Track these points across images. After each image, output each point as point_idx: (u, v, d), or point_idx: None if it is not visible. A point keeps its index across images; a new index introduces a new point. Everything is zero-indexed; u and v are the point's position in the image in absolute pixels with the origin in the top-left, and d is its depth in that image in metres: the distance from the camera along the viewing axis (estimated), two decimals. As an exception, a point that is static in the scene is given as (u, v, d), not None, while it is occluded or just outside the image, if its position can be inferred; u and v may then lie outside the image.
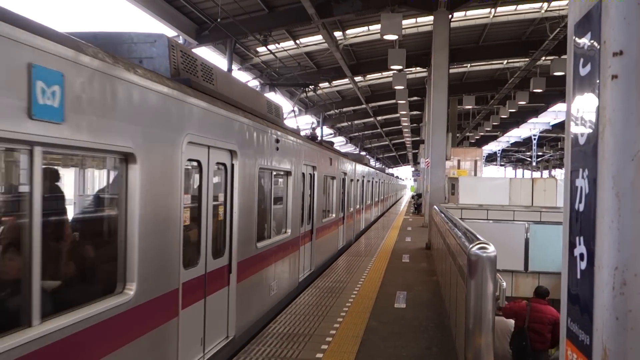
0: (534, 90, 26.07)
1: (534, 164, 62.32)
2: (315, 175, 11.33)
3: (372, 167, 29.95)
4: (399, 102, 28.80)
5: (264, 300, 7.63)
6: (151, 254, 4.31)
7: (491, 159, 75.42)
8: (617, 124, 1.46)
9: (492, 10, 20.32)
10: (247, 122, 6.69)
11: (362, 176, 20.36)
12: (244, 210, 6.61)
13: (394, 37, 15.50)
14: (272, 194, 8.38)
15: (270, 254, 7.90)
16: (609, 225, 1.46)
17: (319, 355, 6.05)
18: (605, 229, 1.48)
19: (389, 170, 68.33)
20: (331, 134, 43.32)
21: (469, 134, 47.91)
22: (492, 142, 63.95)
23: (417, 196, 37.19)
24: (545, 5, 20.11)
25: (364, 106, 34.46)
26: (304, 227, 10.48)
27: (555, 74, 22.46)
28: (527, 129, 52.71)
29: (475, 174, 27.48)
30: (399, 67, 18.57)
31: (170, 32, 16.80)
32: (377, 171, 29.77)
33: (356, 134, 45.90)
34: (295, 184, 9.53)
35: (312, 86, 17.58)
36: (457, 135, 39.18)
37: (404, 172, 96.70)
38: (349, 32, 20.94)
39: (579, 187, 1.68)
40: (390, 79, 24.82)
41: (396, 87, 23.83)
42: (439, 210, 11.94)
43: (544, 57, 23.54)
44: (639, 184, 1.44)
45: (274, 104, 9.13)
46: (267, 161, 7.68)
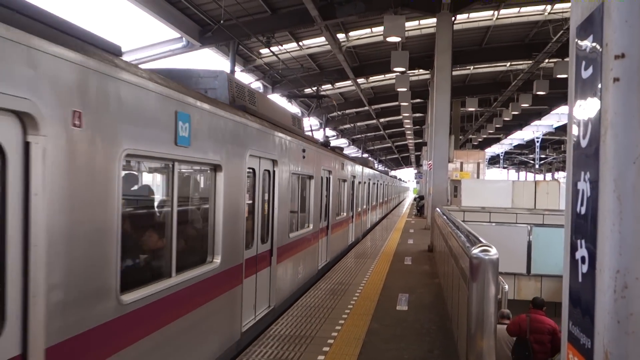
0: (537, 92, 26.06)
1: (537, 166, 62.22)
2: (330, 178, 12.82)
3: (377, 170, 31.18)
4: (401, 104, 28.79)
5: (294, 280, 9.30)
6: (228, 237, 5.97)
7: (494, 161, 75.31)
8: (618, 127, 1.45)
9: (495, 12, 20.30)
10: (283, 136, 8.25)
11: (368, 179, 21.74)
12: (281, 207, 8.21)
13: (397, 39, 15.51)
14: (299, 195, 9.84)
15: (298, 243, 9.54)
16: (610, 228, 1.46)
17: (321, 357, 6.04)
18: (606, 232, 1.48)
19: (391, 172, 68.28)
20: (334, 135, 43.31)
21: (471, 137, 47.88)
22: (495, 145, 63.89)
23: (419, 198, 37.20)
24: (548, 7, 20.08)
25: (366, 108, 34.46)
26: (321, 223, 11.94)
27: (558, 76, 22.45)
28: (530, 132, 52.62)
29: (477, 177, 27.46)
30: (402, 69, 18.59)
31: (173, 33, 16.85)
32: (381, 174, 31.03)
33: (359, 136, 45.90)
34: (316, 186, 11.06)
35: (324, 98, 19.37)
36: (460, 137, 39.16)
37: (407, 175, 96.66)
38: (352, 34, 20.95)
39: (580, 190, 1.68)
40: (393, 81, 24.81)
41: (399, 89, 23.82)
42: (441, 212, 11.93)
43: (547, 60, 23.51)
44: (641, 187, 1.43)
45: (296, 116, 10.90)
46: (297, 167, 9.29)
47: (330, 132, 40.89)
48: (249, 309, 6.89)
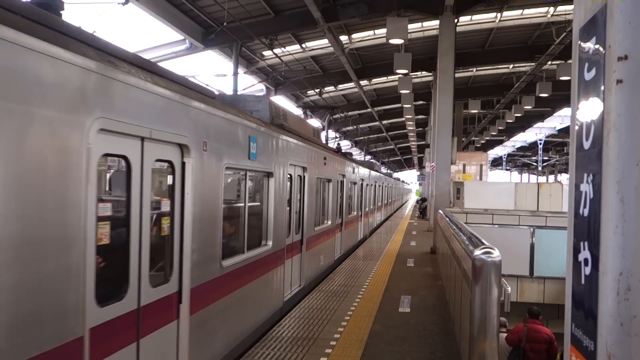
0: (540, 94, 25.99)
1: (540, 168, 62.10)
2: (344, 182, 14.57)
3: (381, 172, 32.86)
4: (404, 106, 28.75)
5: (317, 266, 11.25)
6: (277, 227, 7.95)
7: (497, 163, 75.19)
8: (621, 129, 1.45)
9: (498, 14, 20.27)
10: (310, 147, 10.19)
11: (374, 181, 23.61)
12: (309, 205, 10.10)
13: (400, 41, 15.48)
14: (321, 195, 11.77)
15: (321, 235, 11.62)
16: (613, 230, 1.46)
17: (323, 359, 6.04)
18: (609, 234, 1.47)
19: (394, 174, 68.30)
20: (336, 137, 43.31)
21: (474, 138, 47.76)
22: (497, 147, 63.78)
23: (422, 200, 37.16)
24: (551, 9, 20.06)
25: (369, 110, 34.44)
26: (337, 220, 13.71)
27: (561, 78, 22.41)
28: (533, 134, 52.53)
29: (480, 179, 27.38)
30: (405, 71, 18.55)
31: (176, 35, 16.88)
32: (385, 176, 33.05)
33: (361, 138, 45.87)
34: (333, 188, 12.93)
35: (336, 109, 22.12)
36: (463, 139, 39.08)
37: (409, 176, 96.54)
38: (354, 36, 20.95)
39: (583, 192, 1.67)
40: (395, 83, 24.77)
41: (402, 91, 23.79)
42: (444, 214, 11.92)
43: (550, 62, 23.45)
44: (644, 189, 1.43)
45: (316, 129, 12.88)
46: (320, 173, 11.26)
47: (332, 133, 40.87)
48: (287, 284, 8.87)
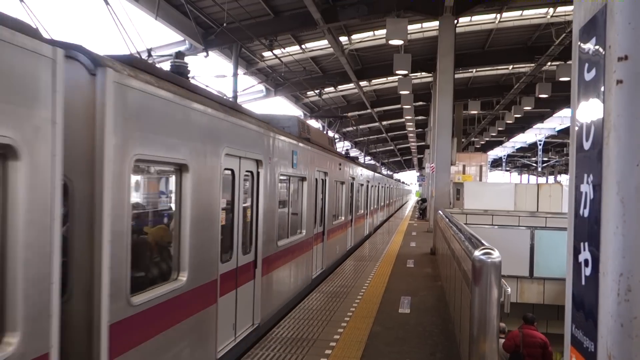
0: (540, 95, 26.00)
1: (540, 169, 62.12)
2: (353, 183, 16.86)
3: (383, 174, 35.15)
4: (404, 107, 28.76)
5: (334, 254, 13.58)
6: (308, 219, 10.31)
7: (496, 164, 75.20)
8: (622, 129, 1.45)
9: (498, 15, 20.29)
10: (331, 156, 12.67)
11: (377, 182, 25.84)
12: (330, 203, 12.64)
13: (400, 42, 15.49)
14: (336, 195, 13.83)
15: (337, 228, 13.96)
16: (613, 231, 1.45)
17: (323, 360, 6.04)
18: (610, 235, 1.47)
19: (394, 175, 68.36)
20: (336, 138, 43.31)
21: (474, 139, 47.77)
22: (497, 148, 63.78)
23: (422, 201, 37.17)
24: (551, 10, 20.07)
25: (369, 111, 34.44)
26: (349, 216, 16.15)
27: (561, 79, 22.42)
28: (533, 135, 52.55)
29: (480, 179, 27.40)
30: (405, 72, 18.56)
31: (176, 36, 16.88)
32: (387, 178, 35.44)
33: (361, 139, 45.87)
34: (345, 189, 15.25)
35: (345, 118, 25.51)
36: (463, 140, 39.07)
37: (409, 177, 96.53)
38: (354, 37, 20.95)
39: (583, 192, 1.67)
40: (395, 84, 24.79)
41: (401, 92, 23.81)
42: (443, 215, 11.91)
43: (549, 63, 23.47)
44: (644, 189, 1.43)
45: (331, 138, 15.79)
46: (337, 177, 13.61)
47: (331, 134, 40.84)
48: (314, 266, 11.20)
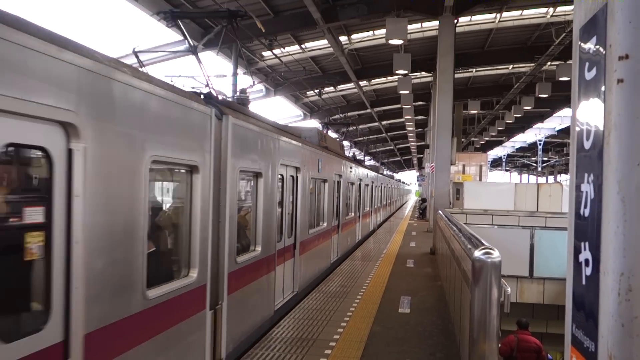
0: (540, 95, 26.01)
1: (540, 169, 62.13)
2: (361, 184, 18.96)
3: (385, 175, 37.11)
4: (404, 106, 28.76)
5: (346, 245, 15.63)
6: (328, 213, 12.31)
7: (496, 164, 75.19)
8: (622, 129, 1.44)
9: (498, 15, 20.28)
10: (342, 161, 14.55)
11: (380, 183, 27.99)
12: (343, 200, 14.74)
13: (399, 41, 15.49)
14: (348, 194, 15.84)
15: (348, 222, 16.00)
16: (614, 230, 1.45)
17: (323, 360, 6.03)
18: (610, 235, 1.46)
19: (395, 175, 68.45)
20: (336, 138, 43.28)
21: (474, 139, 47.77)
22: (497, 147, 63.77)
23: (422, 201, 37.17)
24: (550, 10, 20.07)
25: (368, 110, 34.44)
26: (357, 213, 18.07)
27: (561, 79, 22.42)
28: (533, 134, 52.53)
29: (480, 179, 27.38)
30: (404, 71, 18.57)
31: (176, 36, 16.87)
32: (388, 178, 37.57)
33: (361, 139, 45.87)
34: (354, 189, 17.21)
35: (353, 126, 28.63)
36: (462, 140, 39.06)
37: (409, 177, 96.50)
38: (354, 36, 20.95)
39: (584, 192, 1.66)
40: (395, 84, 24.79)
41: (401, 92, 23.82)
42: (443, 215, 11.91)
43: (549, 62, 23.47)
44: (645, 189, 1.42)
45: (341, 143, 18.49)
46: (349, 178, 15.69)
47: (331, 134, 40.85)
48: (334, 251, 13.45)
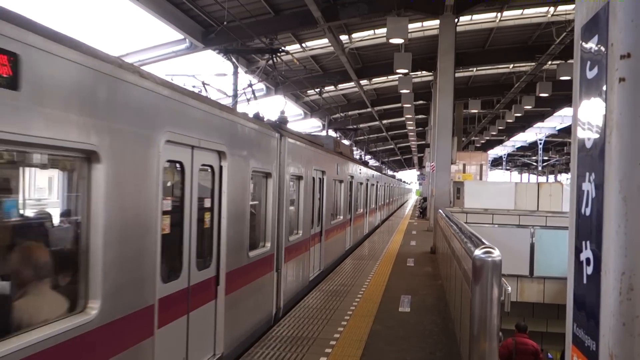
0: (540, 94, 25.98)
1: (540, 168, 62.10)
2: (367, 184, 20.91)
3: (387, 175, 39.37)
4: (404, 105, 28.74)
5: (358, 236, 17.88)
6: (344, 208, 15.07)
7: (497, 163, 75.17)
8: (624, 128, 1.44)
9: (499, 14, 20.26)
10: (353, 163, 16.66)
11: (384, 182, 30.41)
12: (354, 197, 16.65)
13: (400, 40, 15.49)
14: (358, 193, 17.89)
15: (358, 216, 17.94)
16: (615, 229, 1.45)
17: (323, 358, 6.04)
18: (612, 234, 1.46)
19: (396, 175, 68.57)
20: (336, 137, 43.30)
21: (474, 138, 47.75)
22: (497, 147, 63.75)
23: (423, 200, 37.18)
24: (551, 9, 20.05)
25: (369, 110, 34.44)
26: (363, 210, 19.93)
27: (561, 78, 22.39)
28: (533, 134, 52.50)
29: (480, 178, 27.35)
30: (405, 70, 18.56)
31: (176, 35, 16.88)
32: (390, 177, 40.40)
33: (361, 138, 45.87)
34: (363, 188, 19.42)
35: (360, 128, 31.33)
36: (463, 139, 39.04)
37: (409, 176, 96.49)
38: (354, 35, 20.94)
39: (585, 191, 1.66)
40: (395, 83, 24.77)
41: (402, 91, 23.79)
42: (444, 214, 11.91)
43: (550, 62, 23.44)
44: (647, 188, 1.42)
45: (350, 147, 20.11)
46: (358, 179, 17.63)
47: (332, 133, 40.85)
48: (348, 240, 15.75)
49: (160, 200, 4.30)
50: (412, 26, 18.57)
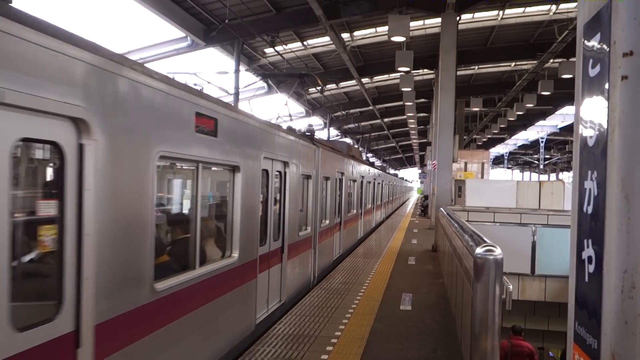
0: (542, 92, 25.95)
1: (542, 166, 62.02)
2: (374, 182, 22.87)
3: (390, 174, 40.91)
4: (406, 104, 28.74)
5: (367, 228, 19.92)
6: (357, 204, 17.06)
7: (498, 161, 75.12)
8: (626, 126, 1.44)
9: (500, 12, 20.23)
10: (363, 165, 18.75)
11: (389, 181, 32.59)
12: (365, 195, 18.99)
13: (402, 38, 15.47)
14: (367, 190, 19.86)
15: (367, 211, 20.04)
16: (617, 227, 1.45)
17: (324, 356, 6.04)
18: (614, 232, 1.46)
19: (397, 173, 68.62)
20: (338, 135, 43.30)
21: (476, 136, 47.71)
22: (499, 145, 63.69)
23: (424, 198, 37.18)
24: (553, 7, 20.01)
25: (370, 108, 34.42)
26: (373, 205, 22.26)
27: (563, 76, 22.35)
28: (535, 132, 52.42)
29: (482, 177, 27.35)
30: (407, 68, 18.55)
31: (178, 32, 16.87)
32: (393, 176, 41.90)
33: (363, 136, 45.87)
34: (371, 186, 21.31)
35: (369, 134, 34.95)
36: (464, 137, 39.04)
37: (411, 174, 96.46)
38: (356, 33, 20.92)
39: (587, 189, 1.66)
40: (397, 81, 24.76)
41: (403, 89, 23.78)
42: (445, 212, 11.90)
43: (552, 60, 23.41)
44: (649, 186, 1.42)
45: (359, 150, 21.62)
46: (368, 179, 19.70)
47: (333, 131, 40.87)
48: (360, 230, 17.78)
49: (259, 194, 7.06)
50: (413, 24, 18.56)
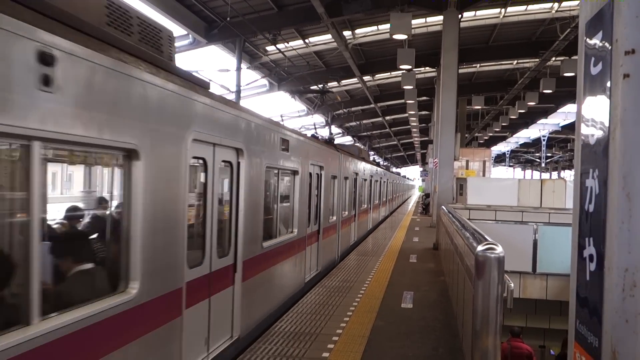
0: (544, 91, 25.91)
1: (543, 165, 61.95)
2: (380, 181, 23.98)
3: (393, 172, 42.12)
4: (407, 101, 28.71)
5: (376, 221, 22.69)
6: (367, 201, 19.59)
7: (500, 159, 75.05)
8: (628, 124, 1.44)
9: (502, 10, 20.20)
10: (372, 166, 21.50)
11: (392, 179, 34.34)
12: (373, 192, 21.11)
13: (404, 36, 15.45)
14: (375, 188, 21.46)
15: (375, 206, 21.99)
16: (619, 226, 1.45)
17: (325, 354, 6.05)
18: (615, 230, 1.46)
19: (399, 171, 68.68)
20: (339, 133, 43.28)
21: (477, 135, 47.68)
22: (501, 143, 63.63)
23: (426, 196, 37.17)
24: (555, 5, 19.97)
25: (372, 106, 34.39)
26: (380, 201, 23.94)
27: (565, 74, 22.31)
28: (537, 130, 52.35)
29: (483, 175, 27.34)
30: (408, 66, 18.52)
31: (180, 30, 16.86)
32: (395, 175, 43.56)
33: (364, 134, 45.84)
34: (377, 185, 22.65)
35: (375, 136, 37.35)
36: (466, 135, 38.98)
37: (412, 172, 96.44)
38: (358, 31, 20.90)
39: (589, 187, 1.66)
40: (399, 79, 24.73)
41: (405, 87, 23.75)
42: (446, 210, 11.90)
43: (554, 58, 23.37)
44: (651, 184, 1.41)
45: (367, 152, 25.43)
46: (375, 178, 21.73)
47: (335, 129, 40.84)
48: (369, 223, 19.83)
49: (307, 190, 9.76)
50: (415, 22, 18.54)
